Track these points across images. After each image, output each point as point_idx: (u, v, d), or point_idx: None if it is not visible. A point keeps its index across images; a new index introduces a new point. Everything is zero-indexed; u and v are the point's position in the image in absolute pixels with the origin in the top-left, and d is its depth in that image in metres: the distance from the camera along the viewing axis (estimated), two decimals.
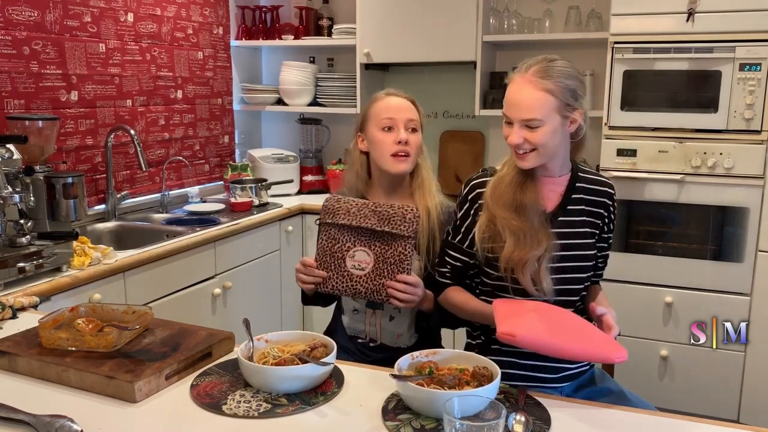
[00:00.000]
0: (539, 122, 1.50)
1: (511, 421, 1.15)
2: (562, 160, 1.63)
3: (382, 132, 1.79)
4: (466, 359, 1.34)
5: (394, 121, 1.78)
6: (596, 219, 1.66)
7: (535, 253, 1.53)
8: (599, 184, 1.68)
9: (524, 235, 1.54)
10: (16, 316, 1.67)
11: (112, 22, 2.86)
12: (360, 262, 1.66)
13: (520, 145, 1.54)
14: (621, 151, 2.83)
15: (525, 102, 1.51)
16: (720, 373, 2.80)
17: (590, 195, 1.65)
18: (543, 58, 1.55)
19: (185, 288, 2.55)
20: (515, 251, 1.54)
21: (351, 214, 1.66)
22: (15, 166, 2.13)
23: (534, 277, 1.55)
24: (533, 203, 1.57)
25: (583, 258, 1.63)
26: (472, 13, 3.18)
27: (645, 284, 2.85)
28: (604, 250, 1.73)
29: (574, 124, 1.56)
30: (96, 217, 2.83)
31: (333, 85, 3.63)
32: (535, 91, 1.50)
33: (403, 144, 1.77)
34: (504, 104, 1.58)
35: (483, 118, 3.46)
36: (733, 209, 2.71)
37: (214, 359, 1.44)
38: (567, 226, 1.61)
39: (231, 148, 3.74)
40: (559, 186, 1.64)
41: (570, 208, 1.63)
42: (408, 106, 1.83)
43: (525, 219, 1.56)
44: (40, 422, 1.12)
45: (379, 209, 1.65)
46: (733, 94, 2.64)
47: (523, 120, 1.52)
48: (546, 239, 1.55)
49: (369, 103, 1.88)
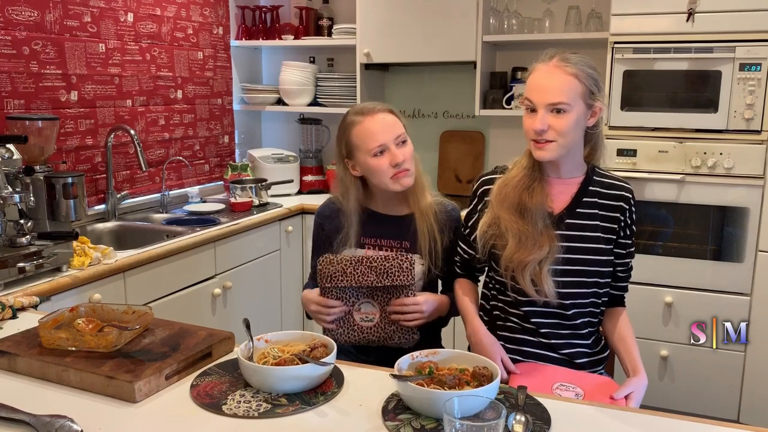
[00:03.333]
0: (567, 106, 1.49)
1: (511, 421, 1.15)
2: (575, 161, 1.62)
3: (376, 158, 1.72)
4: (466, 359, 1.34)
5: (384, 145, 1.72)
6: (611, 224, 1.61)
7: (536, 256, 1.53)
8: (616, 188, 1.64)
9: (526, 237, 1.54)
10: (16, 316, 1.67)
11: (111, 22, 2.86)
12: (367, 313, 1.70)
13: (544, 132, 1.50)
14: (621, 151, 2.83)
15: (553, 86, 1.50)
16: (720, 373, 2.80)
17: (605, 199, 1.62)
18: (562, 51, 1.55)
19: (185, 288, 2.55)
20: (516, 253, 1.54)
21: (348, 275, 1.66)
22: (15, 166, 2.13)
23: (535, 280, 1.55)
24: (539, 206, 1.56)
25: (591, 263, 1.59)
26: (472, 13, 3.18)
27: (645, 284, 2.85)
28: (623, 257, 1.67)
29: (594, 117, 1.55)
30: (96, 217, 2.83)
31: (333, 85, 3.63)
32: (563, 75, 1.50)
33: (401, 164, 1.72)
34: (526, 91, 1.54)
35: (483, 118, 3.46)
36: (733, 209, 2.71)
37: (214, 359, 1.44)
38: (574, 229, 1.59)
39: (231, 148, 3.74)
40: (570, 187, 1.62)
41: (580, 211, 1.60)
42: (390, 122, 1.74)
43: (528, 222, 1.55)
44: (40, 422, 1.12)
45: (375, 264, 1.65)
46: (733, 94, 2.64)
47: (551, 104, 1.49)
48: (548, 243, 1.53)
49: (346, 127, 1.77)
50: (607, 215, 1.62)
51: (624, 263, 1.69)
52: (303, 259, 3.33)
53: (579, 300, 1.61)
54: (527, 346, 1.64)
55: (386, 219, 1.81)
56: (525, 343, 1.64)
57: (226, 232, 2.76)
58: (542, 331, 1.62)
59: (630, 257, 1.69)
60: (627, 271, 1.72)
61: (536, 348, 1.63)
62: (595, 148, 1.66)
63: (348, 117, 1.78)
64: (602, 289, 1.65)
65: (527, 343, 1.64)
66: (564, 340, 1.62)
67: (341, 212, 1.83)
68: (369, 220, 1.82)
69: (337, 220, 1.84)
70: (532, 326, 1.63)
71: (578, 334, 1.64)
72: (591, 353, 1.66)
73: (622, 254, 1.67)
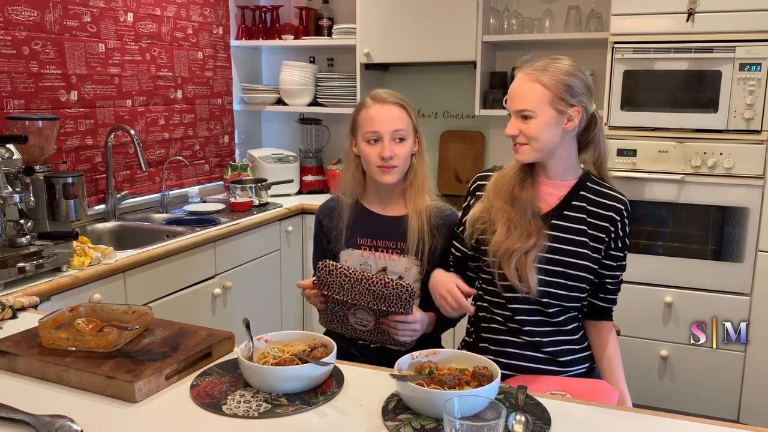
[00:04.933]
0: (531, 113, 1.55)
1: (511, 421, 1.15)
2: (566, 163, 1.63)
3: (368, 144, 1.75)
4: (466, 359, 1.34)
5: (378, 134, 1.73)
6: (599, 232, 1.62)
7: (523, 245, 1.56)
8: (609, 198, 1.64)
9: (515, 226, 1.58)
10: (16, 316, 1.67)
11: (111, 22, 2.86)
12: (362, 319, 1.69)
13: (516, 136, 1.58)
14: (621, 151, 2.83)
15: (518, 93, 1.58)
16: (720, 373, 2.80)
17: (595, 207, 1.63)
18: (548, 57, 1.59)
19: (185, 288, 2.55)
20: (504, 241, 1.57)
21: (345, 291, 1.63)
22: (15, 166, 2.12)
23: (520, 271, 1.57)
24: (529, 200, 1.60)
25: (574, 266, 1.60)
26: (472, 13, 3.18)
27: (645, 284, 2.85)
28: (613, 269, 1.66)
29: (572, 122, 1.56)
30: (96, 217, 2.83)
31: (333, 85, 3.63)
32: (528, 83, 1.56)
33: (388, 159, 1.73)
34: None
35: (483, 118, 3.46)
36: (733, 209, 2.71)
37: (214, 359, 1.44)
38: (559, 230, 1.61)
39: (231, 148, 3.74)
40: (560, 190, 1.64)
41: (567, 213, 1.62)
42: (394, 116, 1.75)
43: (518, 212, 1.59)
44: (40, 422, 1.12)
45: (374, 288, 1.61)
46: (733, 94, 2.64)
47: (517, 111, 1.57)
48: (536, 234, 1.57)
49: (358, 106, 1.83)
50: (596, 223, 1.62)
51: (614, 275, 1.68)
52: (303, 259, 3.33)
53: (562, 301, 1.62)
54: (511, 347, 1.64)
55: (382, 219, 1.81)
56: (509, 344, 1.64)
57: (226, 232, 2.76)
58: (526, 329, 1.63)
59: (620, 270, 1.68)
60: (616, 284, 1.70)
61: (520, 349, 1.63)
62: (597, 154, 1.66)
63: (365, 98, 1.83)
64: (580, 294, 1.64)
65: (511, 344, 1.64)
66: (548, 338, 1.63)
67: (339, 208, 1.84)
68: (366, 219, 1.82)
69: (336, 217, 1.85)
70: (516, 325, 1.63)
71: (562, 331, 1.64)
72: (577, 350, 1.66)
73: (613, 266, 1.66)
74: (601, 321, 1.72)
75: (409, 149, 1.78)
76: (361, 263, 1.81)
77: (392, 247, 1.79)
